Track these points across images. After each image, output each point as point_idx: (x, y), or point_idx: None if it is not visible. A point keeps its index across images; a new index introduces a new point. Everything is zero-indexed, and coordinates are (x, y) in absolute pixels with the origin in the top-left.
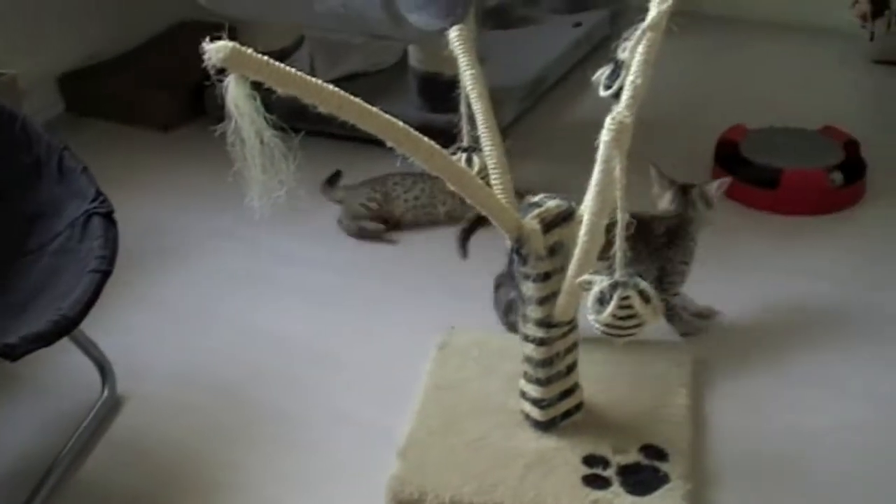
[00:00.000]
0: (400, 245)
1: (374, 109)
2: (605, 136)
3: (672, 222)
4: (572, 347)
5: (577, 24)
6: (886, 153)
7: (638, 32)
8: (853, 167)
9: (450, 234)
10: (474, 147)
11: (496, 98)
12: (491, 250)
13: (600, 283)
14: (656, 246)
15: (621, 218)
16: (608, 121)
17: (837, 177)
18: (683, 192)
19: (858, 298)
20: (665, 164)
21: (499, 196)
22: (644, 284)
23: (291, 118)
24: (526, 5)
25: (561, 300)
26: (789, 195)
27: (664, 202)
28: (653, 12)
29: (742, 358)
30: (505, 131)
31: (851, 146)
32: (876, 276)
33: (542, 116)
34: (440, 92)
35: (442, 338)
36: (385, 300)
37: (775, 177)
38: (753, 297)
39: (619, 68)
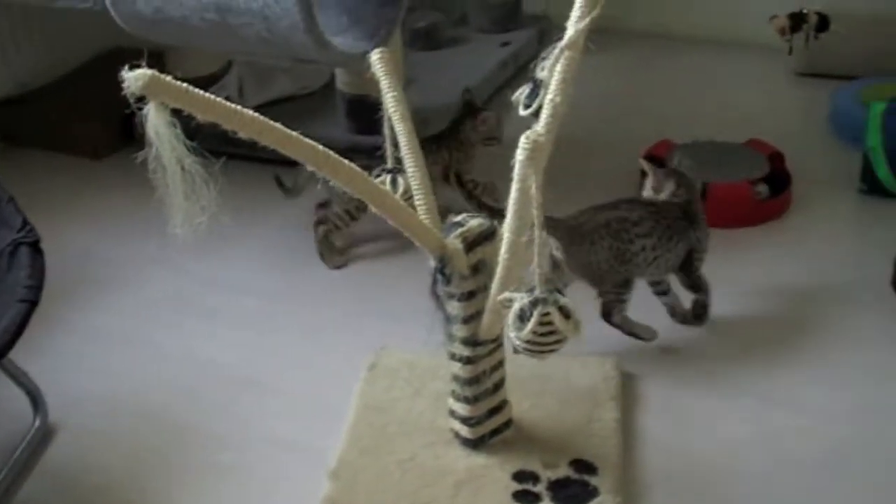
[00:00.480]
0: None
1: (295, 134)
2: (519, 154)
3: (686, 206)
4: (499, 365)
5: (505, 44)
6: (810, 164)
7: (556, 51)
8: (778, 179)
9: (378, 257)
10: (399, 168)
11: (425, 118)
12: (421, 273)
13: (520, 300)
14: (681, 228)
15: (538, 235)
16: (522, 139)
17: (763, 189)
18: (683, 175)
19: (785, 309)
20: (592, 181)
21: (422, 216)
22: (564, 300)
23: (221, 142)
24: (454, 26)
25: (486, 318)
26: (715, 208)
27: (667, 192)
28: (570, 31)
29: (671, 370)
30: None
31: (776, 158)
32: (802, 287)
33: None
34: (367, 114)
35: (372, 359)
36: (315, 323)
37: (701, 191)
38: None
39: (537, 87)
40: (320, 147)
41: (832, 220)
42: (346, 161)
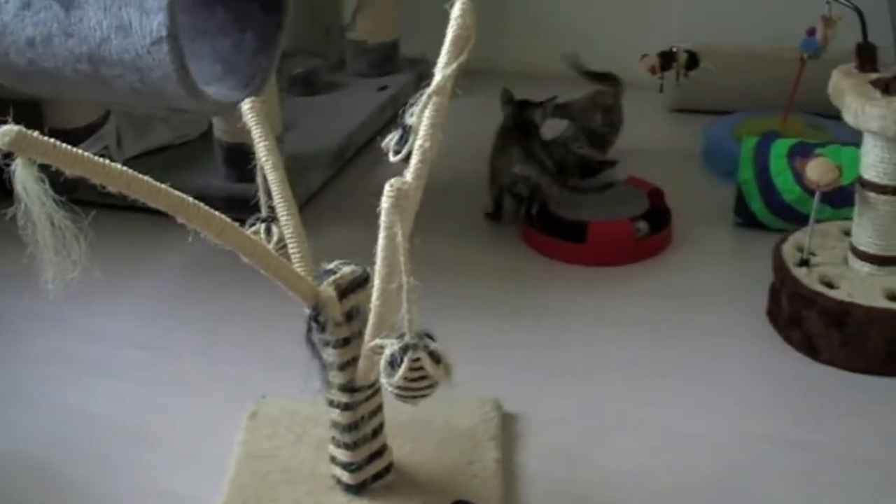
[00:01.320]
0: (211, 316)
1: (164, 187)
2: (385, 203)
3: None
4: (377, 410)
5: (383, 88)
6: (688, 199)
7: (424, 97)
8: (658, 215)
9: (257, 303)
10: (273, 217)
11: (304, 165)
12: (299, 319)
13: (391, 346)
14: None
15: (406, 282)
16: (387, 188)
17: (643, 226)
18: None
19: (666, 342)
20: (472, 221)
21: (296, 265)
22: (434, 345)
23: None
24: (332, 71)
25: (361, 364)
26: (596, 247)
27: None
28: (438, 77)
29: (554, 407)
30: (315, 196)
31: (656, 195)
32: (682, 321)
33: (350, 181)
34: (245, 162)
35: (253, 407)
36: (195, 373)
37: (582, 230)
38: (564, 346)
39: (407, 133)
40: (190, 199)
41: (710, 253)
42: (216, 213)
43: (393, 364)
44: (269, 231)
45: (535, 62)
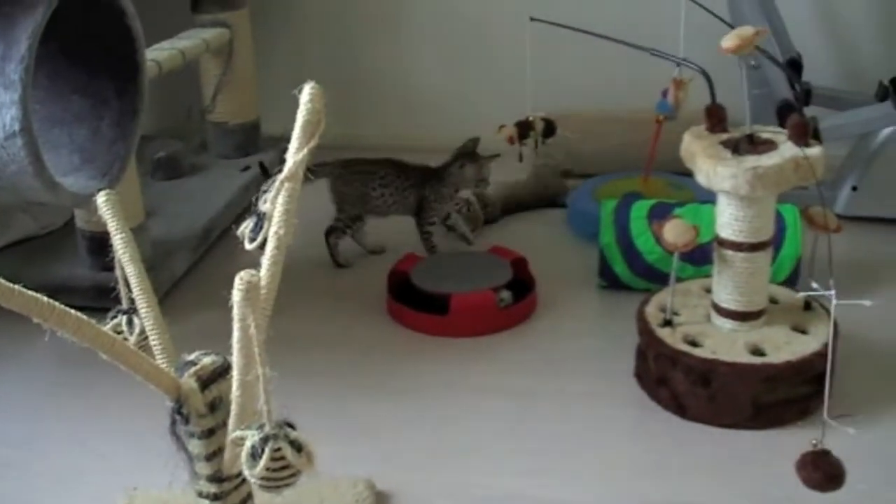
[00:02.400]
0: (82, 408)
1: (17, 287)
2: (235, 296)
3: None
4: (248, 498)
5: (246, 168)
6: (552, 265)
7: (276, 183)
8: (522, 284)
9: (122, 394)
10: (134, 309)
11: (168, 250)
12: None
13: (251, 437)
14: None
15: (262, 374)
16: (237, 281)
17: (507, 295)
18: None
19: (536, 410)
20: (339, 301)
21: (158, 356)
22: (295, 434)
23: None
24: (194, 153)
25: (226, 455)
26: (460, 319)
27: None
28: (289, 162)
29: (426, 483)
30: (180, 281)
31: (519, 263)
32: (550, 387)
33: (215, 264)
34: (109, 251)
35: (124, 500)
36: (65, 466)
37: (445, 302)
38: (433, 420)
39: (261, 220)
40: (44, 298)
41: (576, 318)
42: (71, 311)
43: (254, 455)
44: (130, 323)
45: (394, 134)
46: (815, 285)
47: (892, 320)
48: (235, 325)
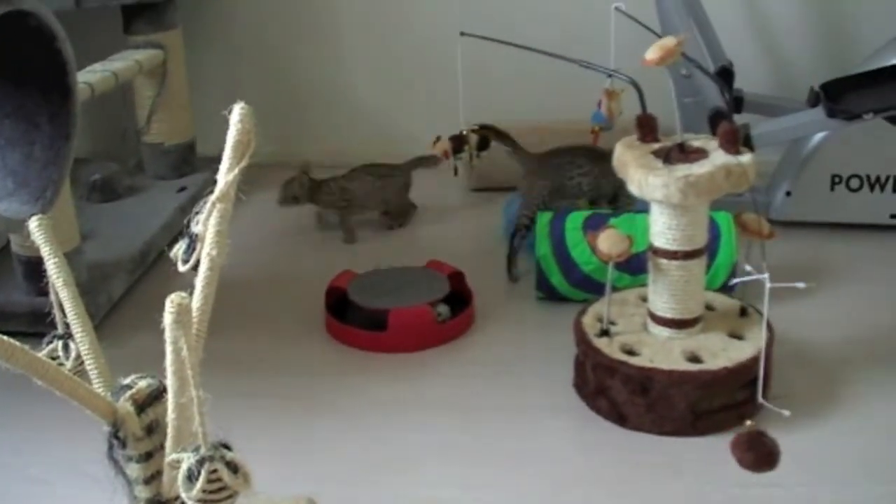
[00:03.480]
0: (19, 435)
1: None
2: (167, 318)
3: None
4: None
5: (182, 189)
6: (489, 278)
7: (208, 205)
8: (459, 298)
9: (64, 416)
10: (69, 334)
11: (105, 273)
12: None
13: (188, 459)
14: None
15: (196, 395)
16: (168, 303)
17: (444, 310)
18: None
19: (476, 423)
20: (276, 319)
21: (94, 381)
22: (231, 455)
23: None
24: (130, 175)
25: (165, 477)
26: (398, 334)
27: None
28: (220, 183)
29: (368, 500)
30: (118, 304)
31: (457, 277)
32: (489, 401)
33: (153, 286)
34: (44, 276)
35: None
36: (5, 496)
37: (383, 318)
38: (373, 436)
39: (194, 242)
40: None
41: (514, 331)
42: (3, 336)
43: (191, 477)
44: (66, 348)
45: (331, 150)
46: (748, 268)
47: (827, 323)
48: (168, 348)
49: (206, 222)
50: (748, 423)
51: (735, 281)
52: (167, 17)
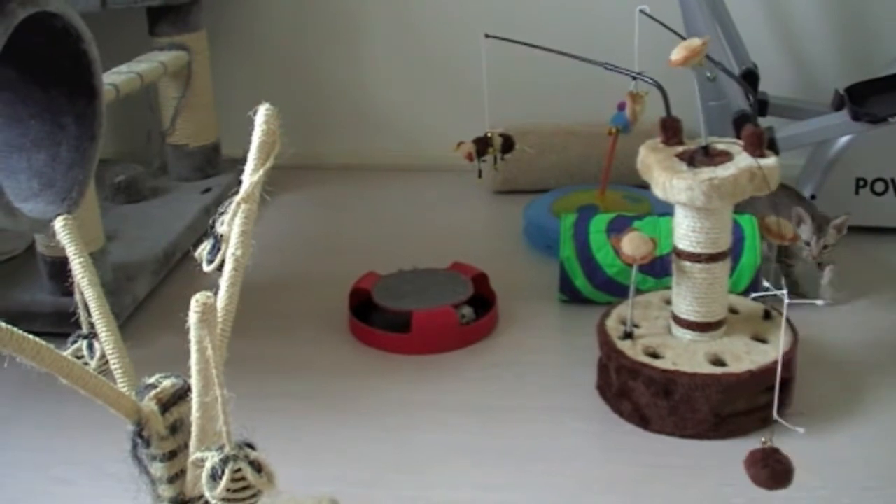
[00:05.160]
0: (44, 434)
1: None
2: (192, 318)
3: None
4: None
5: (207, 190)
6: (512, 281)
7: (233, 205)
8: (482, 300)
9: (89, 416)
10: (94, 333)
11: (130, 274)
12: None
13: (211, 458)
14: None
15: (220, 395)
16: (193, 303)
17: (468, 312)
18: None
19: (499, 426)
20: (300, 321)
21: (119, 380)
22: (255, 454)
23: None
24: (154, 176)
25: (189, 476)
26: (421, 336)
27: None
28: (245, 184)
29: (391, 501)
30: (142, 304)
31: (480, 279)
32: (513, 402)
33: (177, 287)
34: (69, 276)
35: None
36: (29, 495)
37: (406, 320)
38: (397, 437)
39: (218, 242)
40: (1, 324)
41: (537, 333)
42: (30, 336)
43: (214, 476)
44: (91, 347)
45: (358, 153)
46: (766, 284)
47: (850, 327)
48: (193, 347)
49: (231, 223)
50: (763, 440)
51: (754, 296)
52: (192, 18)
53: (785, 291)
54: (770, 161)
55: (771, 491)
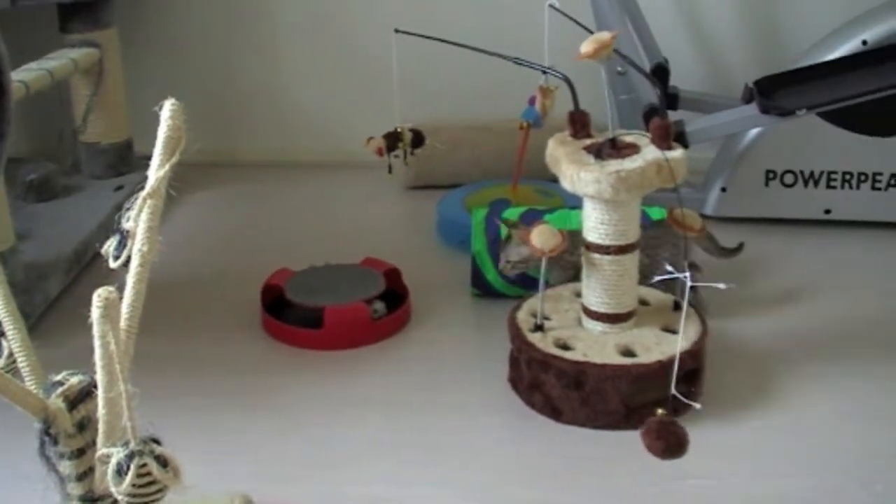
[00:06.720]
0: None
1: None
2: (94, 313)
3: None
4: None
5: (120, 188)
6: (425, 275)
7: (139, 201)
8: (395, 295)
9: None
10: (1, 332)
11: (41, 273)
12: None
13: (117, 454)
14: None
15: (125, 390)
16: (95, 297)
17: (380, 307)
18: None
19: (411, 421)
20: (212, 317)
21: (27, 378)
22: (161, 449)
23: None
24: (67, 175)
25: (97, 473)
26: (333, 331)
27: None
28: (151, 180)
29: (303, 497)
30: (54, 303)
31: (392, 275)
32: (425, 397)
33: (89, 285)
34: None
35: None
36: None
37: (319, 316)
38: (308, 434)
39: (125, 238)
40: None
41: (450, 327)
42: None
43: (120, 472)
44: None
45: (271, 149)
46: (669, 268)
47: (761, 317)
48: (96, 343)
49: (137, 218)
50: (659, 411)
51: (656, 279)
52: (103, 15)
53: (687, 274)
54: (677, 153)
55: (665, 460)
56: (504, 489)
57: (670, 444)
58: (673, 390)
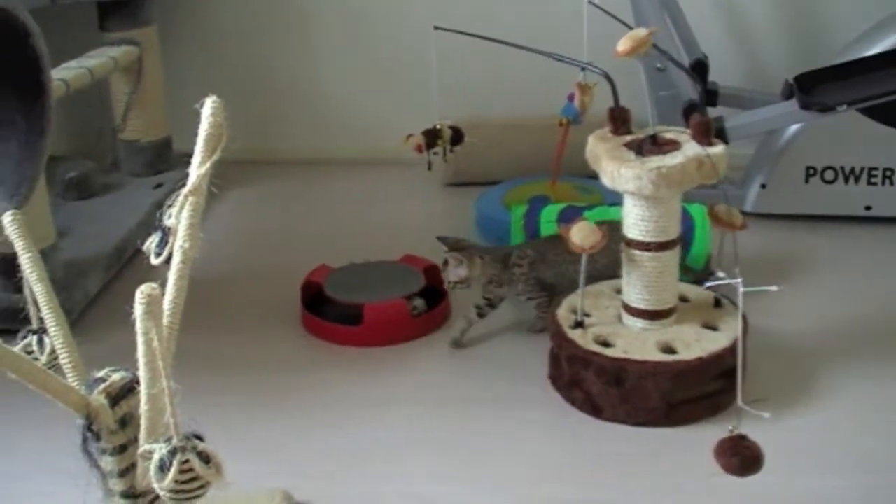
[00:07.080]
0: None
1: None
2: (137, 310)
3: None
4: None
5: (159, 185)
6: None
7: (180, 198)
8: (434, 292)
9: (36, 412)
10: (43, 329)
11: (81, 270)
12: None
13: (159, 450)
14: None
15: (167, 386)
16: (138, 294)
17: (419, 304)
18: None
19: (452, 416)
20: (252, 314)
21: (69, 374)
22: (203, 446)
23: None
24: (106, 172)
25: (139, 469)
26: (373, 328)
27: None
28: (192, 177)
29: (344, 492)
30: (94, 300)
31: (432, 271)
32: (465, 393)
33: (129, 283)
34: (19, 272)
35: None
36: None
37: (358, 313)
38: (348, 429)
39: (166, 235)
40: None
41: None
42: None
43: (162, 468)
44: (41, 342)
45: (310, 147)
46: (721, 274)
47: (800, 314)
48: (139, 339)
49: (179, 215)
50: (730, 428)
51: (708, 285)
52: (142, 13)
53: (740, 280)
54: (718, 149)
55: (742, 478)
56: (543, 486)
57: (746, 459)
58: (739, 403)
